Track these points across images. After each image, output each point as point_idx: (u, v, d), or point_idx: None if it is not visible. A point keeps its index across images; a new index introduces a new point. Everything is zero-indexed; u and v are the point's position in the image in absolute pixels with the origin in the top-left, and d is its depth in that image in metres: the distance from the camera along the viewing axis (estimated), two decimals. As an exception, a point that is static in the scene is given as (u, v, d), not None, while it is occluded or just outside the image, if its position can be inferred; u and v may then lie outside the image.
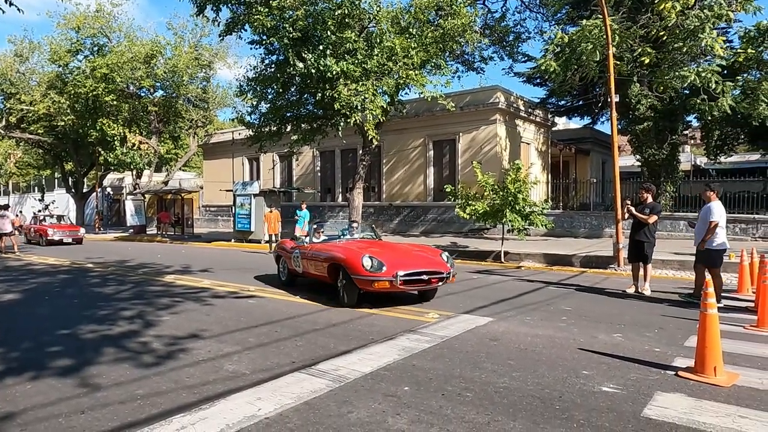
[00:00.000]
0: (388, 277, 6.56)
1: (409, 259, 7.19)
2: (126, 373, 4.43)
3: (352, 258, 6.87)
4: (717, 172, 24.72)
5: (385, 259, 6.80)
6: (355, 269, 6.72)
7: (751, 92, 13.05)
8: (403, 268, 6.73)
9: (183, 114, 27.06)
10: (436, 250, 7.97)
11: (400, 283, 6.60)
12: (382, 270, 6.60)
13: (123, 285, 9.57)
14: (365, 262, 6.65)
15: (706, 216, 6.85)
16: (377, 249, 7.43)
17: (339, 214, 22.83)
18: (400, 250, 7.89)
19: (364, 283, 6.71)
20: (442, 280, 7.02)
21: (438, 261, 7.29)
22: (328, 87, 13.13)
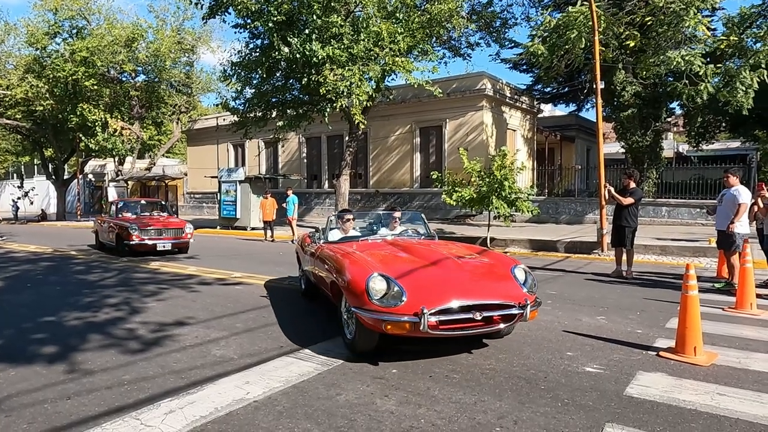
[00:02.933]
0: (407, 316, 3.80)
1: (455, 279, 4.23)
2: (112, 359, 4.40)
3: (353, 276, 4.20)
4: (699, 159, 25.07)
5: (409, 281, 4.07)
6: (355, 296, 4.05)
7: (730, 79, 13.23)
8: (438, 299, 3.86)
9: (166, 99, 26.59)
10: (506, 259, 4.88)
11: (430, 325, 3.74)
12: (399, 302, 3.86)
13: (107, 272, 9.46)
14: (372, 285, 3.93)
15: (734, 199, 6.72)
16: (406, 259, 4.73)
17: (325, 201, 22.76)
18: (446, 262, 4.62)
19: (370, 322, 3.92)
20: (511, 318, 4.01)
21: (506, 284, 4.24)
22: (313, 72, 13.00)
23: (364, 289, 3.96)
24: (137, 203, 14.53)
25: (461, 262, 4.68)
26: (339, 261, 4.73)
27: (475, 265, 4.67)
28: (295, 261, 9.17)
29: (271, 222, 15.28)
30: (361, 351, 4.25)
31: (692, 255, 10.23)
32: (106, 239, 12.69)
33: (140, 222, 11.70)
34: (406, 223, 6.58)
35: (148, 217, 12.73)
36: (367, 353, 4.23)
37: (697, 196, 15.76)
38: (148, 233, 11.43)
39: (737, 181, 6.90)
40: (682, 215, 15.28)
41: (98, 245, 13.62)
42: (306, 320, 5.61)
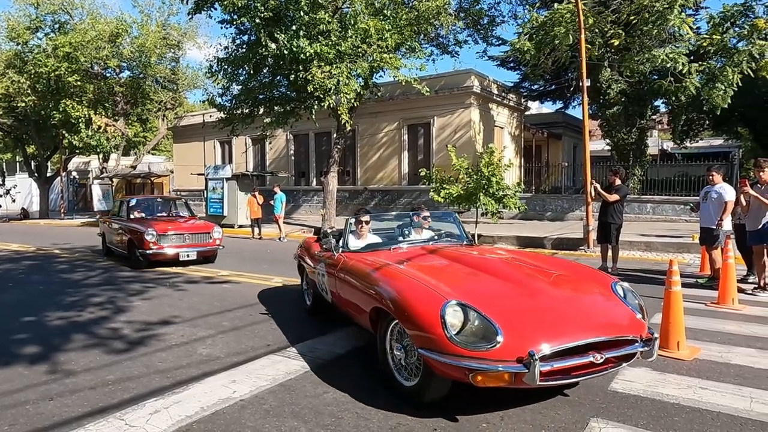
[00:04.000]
0: (508, 363, 2.76)
1: (554, 306, 3.23)
2: (96, 359, 4.34)
3: (417, 305, 3.14)
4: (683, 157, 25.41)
5: (498, 310, 3.03)
6: (422, 333, 3.01)
7: (713, 78, 13.41)
8: (546, 337, 2.88)
9: (151, 96, 26.21)
10: (595, 272, 3.98)
11: (542, 375, 2.72)
12: (493, 343, 2.82)
13: (92, 271, 9.33)
14: (451, 318, 2.93)
15: (720, 197, 6.78)
16: (474, 276, 3.72)
17: (313, 198, 22.68)
18: (529, 280, 3.59)
19: (448, 370, 2.91)
20: (631, 357, 3.08)
21: (618, 310, 3.30)
22: (301, 69, 12.91)
23: (439, 325, 2.88)
24: (153, 201, 12.11)
25: (548, 279, 3.63)
26: (382, 280, 3.64)
27: (566, 283, 3.62)
28: (285, 259, 9.16)
29: (259, 219, 15.18)
30: (429, 401, 3.18)
31: (676, 251, 10.37)
32: (114, 245, 10.66)
33: (158, 225, 9.43)
34: (435, 224, 5.53)
35: (167, 219, 10.52)
36: (429, 400, 3.21)
37: (681, 193, 15.97)
38: (168, 240, 9.34)
39: (720, 178, 7.00)
40: (666, 212, 15.48)
41: (105, 251, 11.52)
42: (294, 318, 5.59)
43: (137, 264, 9.27)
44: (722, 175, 7.12)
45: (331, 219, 15.57)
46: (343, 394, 3.49)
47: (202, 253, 9.68)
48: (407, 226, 5.35)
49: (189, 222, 10.30)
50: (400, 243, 4.86)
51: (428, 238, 5.13)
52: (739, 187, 6.62)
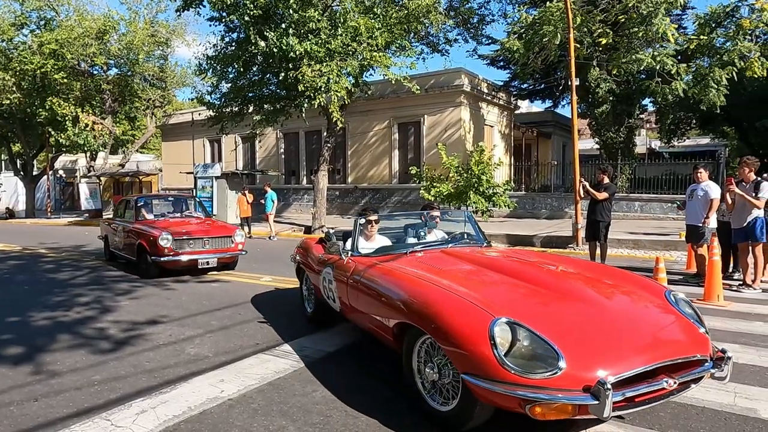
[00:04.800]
0: (571, 392, 2.41)
1: (613, 323, 2.85)
2: (82, 359, 4.30)
3: (462, 324, 2.72)
4: (670, 155, 25.70)
5: (554, 329, 2.65)
6: (466, 355, 2.62)
7: (701, 78, 13.56)
8: (612, 361, 2.53)
9: (139, 93, 25.96)
10: (643, 280, 3.55)
11: (614, 405, 2.36)
12: (553, 369, 2.44)
13: (79, 270, 9.23)
14: (502, 338, 2.53)
15: (705, 194, 6.84)
16: (513, 287, 3.28)
17: (303, 197, 22.61)
18: (579, 291, 3.19)
19: (500, 398, 2.50)
20: (699, 379, 2.76)
21: (681, 326, 2.94)
22: (291, 67, 12.85)
23: (488, 347, 2.49)
24: (164, 200, 10.55)
25: (598, 289, 3.23)
26: (410, 291, 3.20)
27: (619, 294, 3.24)
28: (274, 257, 9.12)
29: (249, 218, 15.11)
30: (469, 429, 2.80)
31: (664, 249, 10.47)
32: (119, 250, 9.46)
33: (173, 228, 8.31)
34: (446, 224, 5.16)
35: (181, 221, 9.20)
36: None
37: (668, 191, 16.14)
38: (185, 245, 8.13)
39: (707, 176, 7.08)
40: (654, 210, 15.63)
41: (108, 256, 10.30)
42: (282, 318, 5.56)
43: (148, 272, 8.09)
44: (709, 173, 7.20)
45: (322, 218, 15.54)
46: (332, 392, 3.48)
47: (223, 260, 8.54)
48: (420, 226, 4.86)
49: (207, 224, 9.11)
50: (416, 246, 4.42)
51: (444, 240, 4.71)
52: (725, 185, 6.71)
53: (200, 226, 8.86)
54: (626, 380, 2.46)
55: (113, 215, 10.49)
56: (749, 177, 6.59)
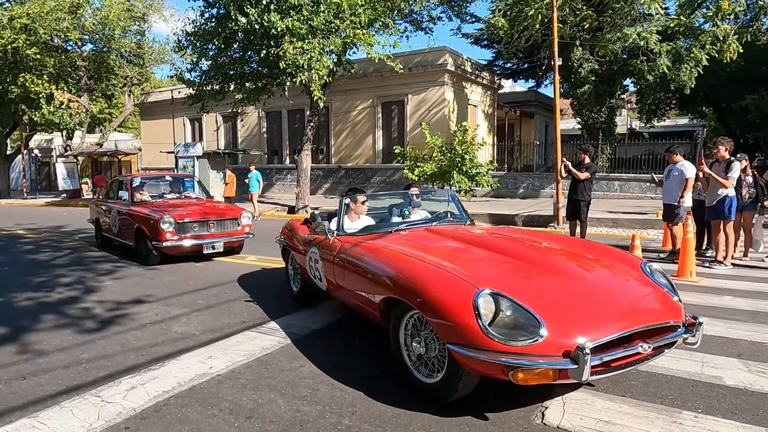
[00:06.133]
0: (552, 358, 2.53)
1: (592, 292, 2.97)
2: (68, 338, 4.31)
3: (444, 295, 2.83)
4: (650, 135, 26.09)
5: (535, 299, 2.76)
6: (451, 326, 2.70)
7: (679, 58, 13.74)
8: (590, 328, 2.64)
9: (116, 70, 25.29)
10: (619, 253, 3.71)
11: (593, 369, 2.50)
12: (535, 336, 2.55)
13: (59, 251, 9.12)
14: (485, 308, 2.62)
15: (681, 174, 6.99)
16: (495, 262, 3.37)
17: (287, 176, 22.49)
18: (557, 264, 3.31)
19: (483, 368, 2.63)
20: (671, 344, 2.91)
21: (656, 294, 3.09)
22: (272, 44, 12.66)
23: (472, 318, 2.59)
24: (160, 180, 9.73)
25: (578, 262, 3.36)
26: (396, 268, 3.28)
27: (597, 266, 3.37)
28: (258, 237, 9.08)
29: (232, 198, 15.01)
30: (454, 399, 2.90)
31: (641, 227, 10.75)
32: (114, 234, 8.83)
33: (174, 211, 7.70)
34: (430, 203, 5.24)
35: (182, 202, 8.60)
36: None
37: (647, 170, 16.45)
38: (189, 229, 7.59)
39: (681, 157, 7.25)
40: (633, 189, 15.95)
41: (100, 241, 9.62)
42: (268, 296, 5.62)
43: (148, 259, 7.53)
44: (681, 153, 7.37)
45: (305, 197, 15.51)
46: (319, 367, 3.57)
47: (229, 244, 8.00)
48: (404, 205, 4.89)
49: (210, 206, 8.53)
50: (400, 225, 4.45)
51: (427, 219, 4.74)
52: (698, 165, 6.90)
53: (203, 207, 8.25)
54: (604, 345, 2.59)
55: (105, 196, 9.92)
56: (723, 156, 6.78)
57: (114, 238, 8.90)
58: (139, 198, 8.57)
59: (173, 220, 7.41)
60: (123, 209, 8.37)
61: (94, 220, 10.02)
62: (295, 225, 5.50)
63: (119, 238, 8.62)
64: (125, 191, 8.78)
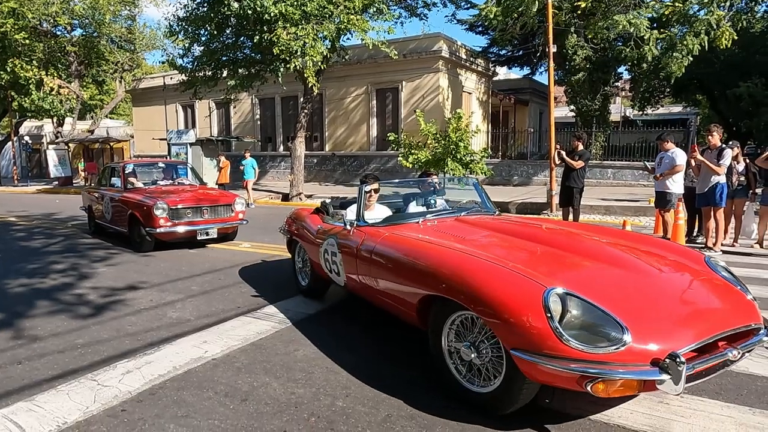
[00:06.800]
0: (639, 367, 2.22)
1: (671, 294, 2.71)
2: (63, 324, 4.32)
3: (511, 295, 2.48)
4: (643, 123, 26.15)
5: (612, 302, 2.44)
6: (525, 331, 2.34)
7: (672, 46, 13.73)
8: (676, 333, 2.36)
9: (107, 56, 24.95)
10: (682, 248, 3.44)
11: (687, 377, 2.18)
12: (618, 344, 2.23)
13: (52, 238, 9.09)
14: (556, 310, 2.32)
15: (671, 161, 7.01)
16: (554, 257, 3.08)
17: (281, 164, 22.41)
18: (623, 260, 3.00)
19: (556, 376, 2.30)
20: (751, 346, 2.53)
21: (732, 295, 2.80)
22: (266, 30, 12.52)
23: (543, 320, 2.28)
24: (153, 167, 9.73)
25: (644, 258, 3.04)
26: (441, 263, 2.90)
27: (662, 262, 3.04)
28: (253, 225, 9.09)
29: (226, 185, 14.96)
30: (512, 410, 2.62)
31: (634, 214, 10.83)
32: (107, 221, 8.72)
33: (167, 197, 7.68)
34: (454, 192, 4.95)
35: (175, 189, 8.55)
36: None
37: (640, 158, 16.52)
38: (182, 215, 7.58)
39: (672, 144, 7.30)
40: (626, 177, 16.02)
41: (93, 228, 9.55)
42: (263, 281, 5.64)
43: (142, 245, 7.58)
44: (672, 140, 7.41)
45: (300, 185, 15.48)
46: (314, 351, 3.61)
47: (223, 230, 8.02)
48: (428, 194, 4.56)
49: (203, 192, 8.52)
50: (427, 214, 4.13)
51: (456, 208, 4.44)
52: (690, 152, 6.95)
53: (196, 194, 8.25)
54: (696, 352, 2.33)
55: (98, 183, 9.85)
56: (715, 144, 6.83)
57: (107, 225, 8.83)
58: (132, 184, 8.51)
59: (167, 206, 7.38)
60: (116, 196, 8.32)
61: (86, 208, 9.96)
62: (303, 214, 5.16)
63: (112, 224, 8.57)
64: (118, 178, 8.75)
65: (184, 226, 7.53)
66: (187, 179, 9.38)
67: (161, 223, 7.32)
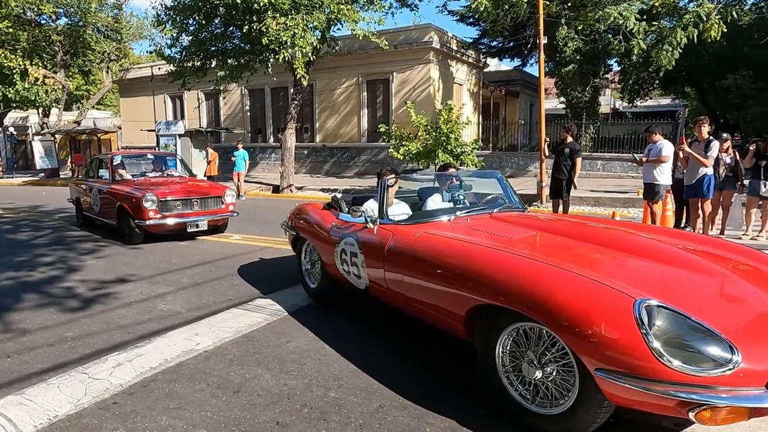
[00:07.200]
0: (755, 394, 1.94)
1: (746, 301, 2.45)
2: (52, 317, 4.29)
3: (588, 305, 2.18)
4: (633, 115, 26.31)
5: (712, 316, 2.16)
6: (615, 351, 2.04)
7: (661, 39, 13.80)
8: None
9: (93, 45, 24.56)
10: (752, 252, 3.10)
11: None
12: (727, 365, 1.94)
13: (39, 231, 8.98)
14: (653, 326, 2.03)
15: (659, 153, 7.07)
16: (628, 262, 2.82)
17: (271, 155, 22.27)
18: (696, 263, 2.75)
19: (649, 401, 2.03)
20: None
21: None
22: (255, 20, 12.39)
23: (638, 336, 1.99)
24: (142, 158, 9.51)
25: (717, 262, 2.79)
26: (501, 269, 2.57)
27: (739, 267, 2.80)
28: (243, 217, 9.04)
29: (215, 177, 14.85)
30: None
31: (623, 206, 10.92)
32: (95, 213, 8.64)
33: (156, 189, 7.58)
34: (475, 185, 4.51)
35: (164, 180, 8.46)
36: None
37: (630, 150, 16.63)
38: (172, 207, 7.52)
39: (660, 136, 7.37)
40: (615, 168, 16.14)
41: (81, 220, 9.43)
42: (254, 273, 5.63)
43: (131, 238, 7.49)
44: (660, 133, 7.48)
45: (290, 177, 15.41)
46: (306, 342, 3.62)
47: (213, 222, 7.94)
48: (455, 189, 4.18)
49: (193, 184, 8.40)
50: (458, 211, 3.78)
51: (489, 204, 4.08)
52: (678, 144, 7.02)
53: (186, 186, 8.14)
54: None
55: (85, 175, 9.65)
56: (702, 135, 6.90)
57: (95, 217, 8.74)
58: (121, 176, 8.39)
59: (156, 198, 7.31)
60: (104, 188, 8.21)
61: (74, 200, 9.83)
62: (311, 209, 4.75)
63: (101, 217, 8.47)
64: (106, 170, 8.63)
65: (173, 218, 7.48)
66: (177, 171, 9.26)
67: (151, 216, 7.25)
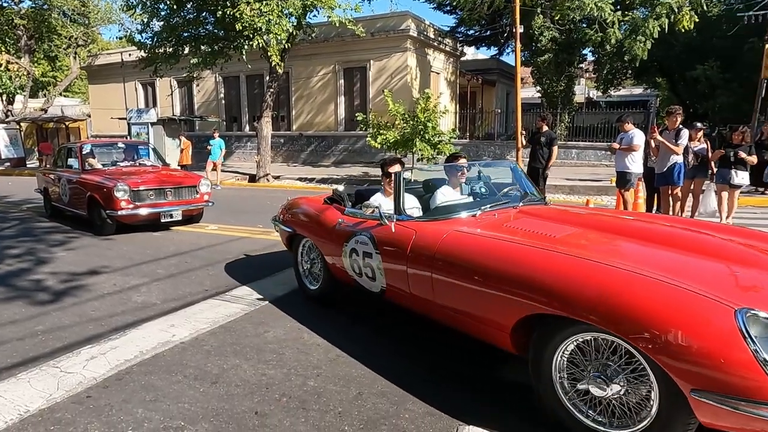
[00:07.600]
0: None
1: None
2: (21, 310, 4.17)
3: (677, 315, 1.91)
4: (606, 104, 26.75)
5: None
6: (717, 370, 1.79)
7: (635, 30, 14.02)
8: None
9: (59, 30, 23.68)
10: None
11: None
12: None
13: (5, 222, 8.69)
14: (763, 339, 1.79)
15: (630, 141, 7.20)
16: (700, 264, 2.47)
17: (247, 144, 21.95)
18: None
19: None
20: None
21: None
22: (228, 5, 12.11)
23: (745, 351, 1.77)
24: (113, 147, 9.26)
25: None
26: (561, 274, 2.26)
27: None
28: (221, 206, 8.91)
29: (188, 166, 14.57)
30: None
31: (596, 194, 11.14)
32: (64, 204, 8.41)
33: (128, 178, 7.38)
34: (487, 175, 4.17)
35: (136, 170, 8.25)
36: None
37: (603, 139, 16.93)
38: (144, 197, 7.33)
39: (631, 126, 7.52)
40: (589, 157, 16.42)
41: (50, 211, 9.21)
42: (230, 264, 5.57)
43: (103, 228, 7.30)
44: (632, 122, 7.63)
45: (267, 166, 15.22)
46: (284, 332, 3.60)
47: (188, 212, 7.81)
48: (474, 181, 3.94)
49: (166, 173, 8.23)
50: (482, 205, 3.44)
51: (513, 197, 3.68)
52: (650, 132, 7.17)
53: (159, 175, 7.94)
54: None
55: (53, 165, 9.36)
56: (673, 125, 7.05)
57: (65, 207, 8.49)
58: (91, 166, 8.12)
59: (128, 187, 7.13)
60: (73, 177, 7.95)
61: (42, 190, 9.53)
62: (308, 203, 4.38)
63: (70, 207, 8.23)
64: (75, 159, 8.32)
65: (146, 208, 7.29)
66: (149, 160, 9.02)
67: (123, 206, 7.07)
